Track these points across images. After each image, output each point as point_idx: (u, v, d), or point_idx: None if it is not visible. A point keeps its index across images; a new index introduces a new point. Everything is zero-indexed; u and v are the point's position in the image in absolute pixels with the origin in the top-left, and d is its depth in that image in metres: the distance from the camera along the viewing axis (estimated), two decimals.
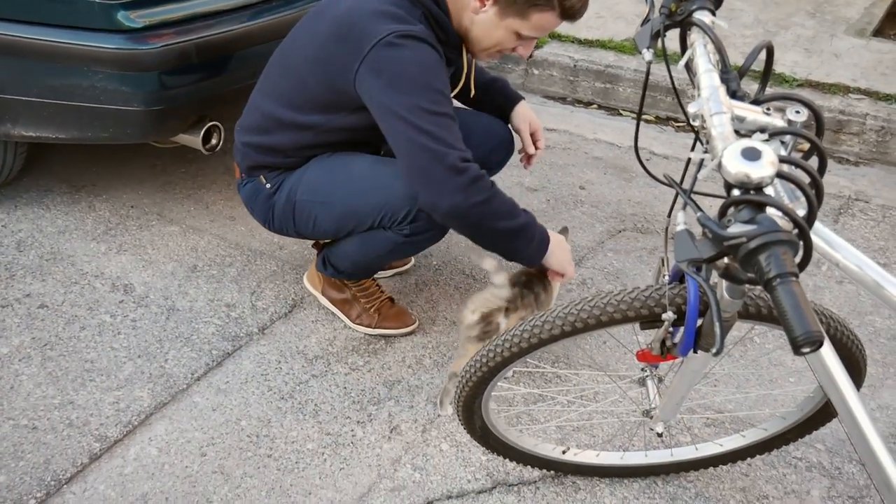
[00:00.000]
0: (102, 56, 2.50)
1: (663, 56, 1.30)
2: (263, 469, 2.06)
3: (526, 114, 2.52)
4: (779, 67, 3.74)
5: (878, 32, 4.20)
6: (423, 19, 2.02)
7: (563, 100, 4.00)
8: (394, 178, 2.12)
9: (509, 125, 2.51)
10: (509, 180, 3.24)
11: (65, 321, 2.51)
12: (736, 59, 3.79)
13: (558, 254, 2.13)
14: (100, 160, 3.34)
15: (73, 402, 2.23)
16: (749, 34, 4.10)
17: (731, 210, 1.00)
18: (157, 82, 2.57)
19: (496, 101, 2.51)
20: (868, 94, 3.52)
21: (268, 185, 2.28)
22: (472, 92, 2.38)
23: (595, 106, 3.94)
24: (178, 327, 2.50)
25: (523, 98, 2.54)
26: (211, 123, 2.76)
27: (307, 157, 2.24)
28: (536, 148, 2.51)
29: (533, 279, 2.15)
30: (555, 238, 2.14)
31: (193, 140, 2.77)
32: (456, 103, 2.56)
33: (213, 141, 2.81)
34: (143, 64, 2.52)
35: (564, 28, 4.18)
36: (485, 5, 2.02)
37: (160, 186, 3.20)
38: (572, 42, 4.09)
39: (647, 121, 3.78)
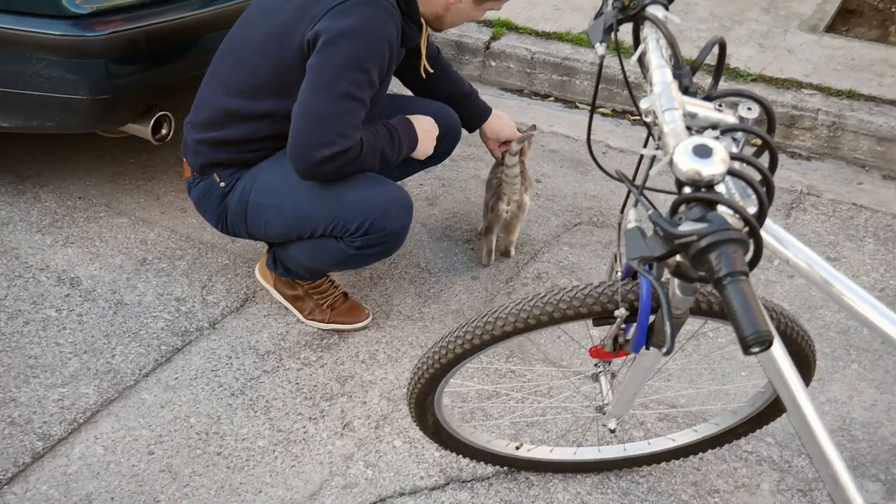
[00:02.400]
0: (47, 42, 2.43)
1: (617, 51, 1.29)
2: (213, 467, 2.02)
3: (494, 129, 2.64)
4: (733, 62, 3.77)
5: (831, 28, 4.25)
6: None
7: (520, 92, 3.99)
8: (350, 187, 2.10)
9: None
10: (465, 173, 3.22)
11: (7, 316, 2.44)
12: (691, 52, 3.81)
13: (424, 143, 2.31)
14: (46, 149, 3.25)
15: (16, 399, 2.17)
16: (704, 28, 4.13)
17: (683, 207, 0.99)
18: (105, 70, 2.51)
19: (465, 117, 2.61)
20: (820, 89, 3.56)
21: (221, 184, 2.22)
22: (425, 66, 2.37)
23: (552, 98, 3.93)
24: (126, 322, 2.45)
25: (491, 110, 2.65)
26: (161, 113, 2.70)
27: (264, 153, 2.20)
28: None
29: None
30: (419, 127, 2.29)
31: (143, 130, 2.70)
32: (407, 92, 2.57)
33: (164, 131, 2.75)
34: (89, 51, 2.45)
35: (522, 20, 4.17)
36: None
37: (109, 177, 3.13)
38: (529, 34, 4.07)
39: (603, 114, 3.78)
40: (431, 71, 2.41)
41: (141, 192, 3.06)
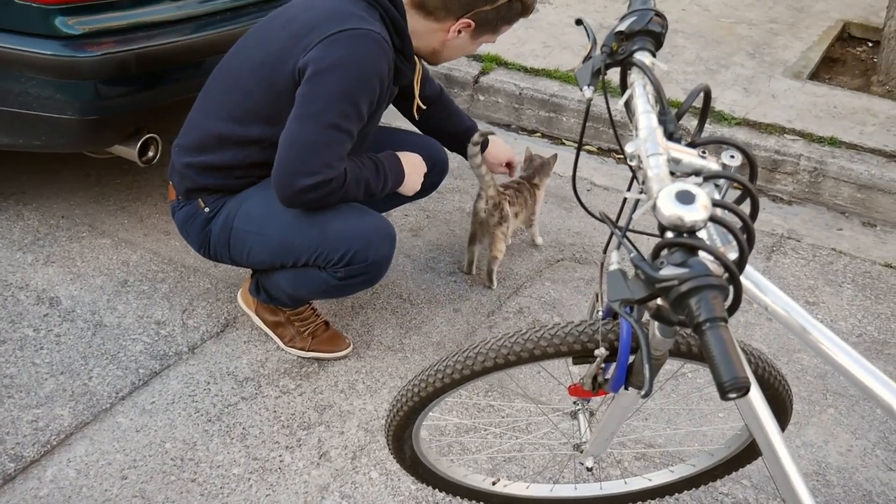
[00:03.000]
0: (37, 62, 2.43)
1: (604, 94, 1.31)
2: (186, 494, 2.00)
3: (494, 154, 2.75)
4: (718, 105, 3.82)
5: (814, 76, 4.32)
6: (381, 22, 2.04)
7: (507, 126, 4.02)
8: (333, 217, 2.11)
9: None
10: (450, 205, 3.24)
11: None
12: (677, 94, 3.86)
13: (411, 178, 2.33)
14: (31, 168, 3.24)
15: None
16: (690, 70, 4.19)
17: (665, 252, 1.00)
18: (94, 91, 2.51)
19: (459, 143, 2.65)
20: (802, 135, 3.62)
21: (206, 209, 2.22)
22: (418, 104, 2.40)
23: (539, 134, 3.96)
24: (105, 344, 2.43)
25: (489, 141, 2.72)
26: (148, 135, 2.70)
27: (250, 180, 2.20)
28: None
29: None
30: (406, 162, 2.31)
31: (129, 152, 2.70)
32: (405, 124, 2.60)
33: (150, 153, 2.75)
34: (79, 72, 2.46)
35: (511, 55, 4.21)
36: (460, 34, 2.14)
37: (93, 197, 3.12)
38: (518, 70, 4.12)
39: (589, 151, 3.82)
40: (424, 108, 2.44)
41: (125, 213, 3.05)
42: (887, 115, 3.82)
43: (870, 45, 4.83)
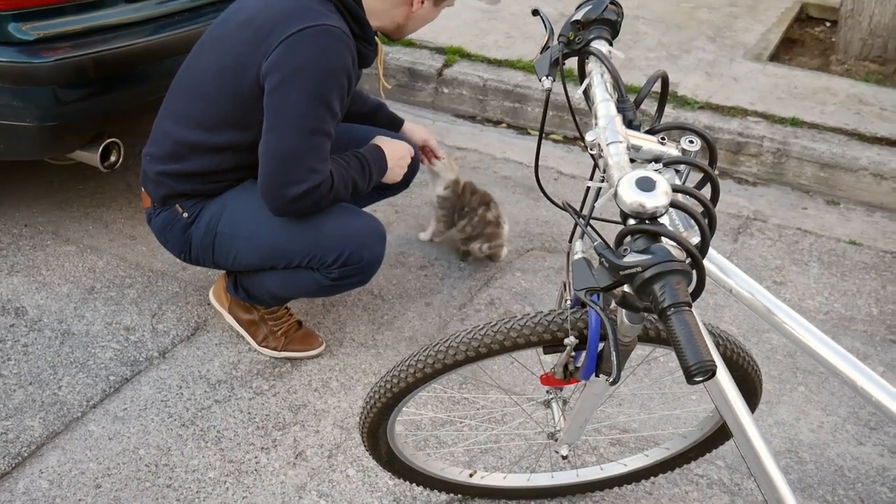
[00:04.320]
0: None
1: (563, 84, 1.31)
2: (162, 500, 1.99)
3: (410, 131, 2.64)
4: (680, 90, 3.85)
5: (774, 57, 4.36)
6: (337, 13, 2.02)
7: (472, 118, 4.02)
8: (325, 218, 2.10)
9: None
10: (418, 198, 3.23)
11: None
12: (640, 80, 3.88)
13: (394, 171, 2.32)
14: None
15: None
16: (652, 56, 4.21)
17: (628, 239, 1.01)
18: (52, 97, 2.48)
19: (381, 125, 2.60)
20: (765, 116, 3.65)
21: (185, 215, 2.19)
22: (383, 84, 2.39)
23: (504, 125, 3.97)
24: (74, 352, 2.40)
25: (403, 120, 2.66)
26: (110, 140, 2.67)
27: (227, 184, 2.18)
28: (437, 157, 2.71)
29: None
30: (391, 154, 2.30)
31: (91, 157, 2.67)
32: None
33: (112, 158, 2.72)
34: (35, 78, 2.42)
35: (474, 47, 4.21)
36: (423, 3, 2.13)
37: (56, 204, 3.08)
38: (482, 61, 4.12)
39: (554, 140, 3.83)
40: (389, 87, 2.44)
41: (89, 219, 3.01)
42: (847, 94, 3.86)
43: (827, 24, 4.89)
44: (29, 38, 2.42)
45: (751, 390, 1.65)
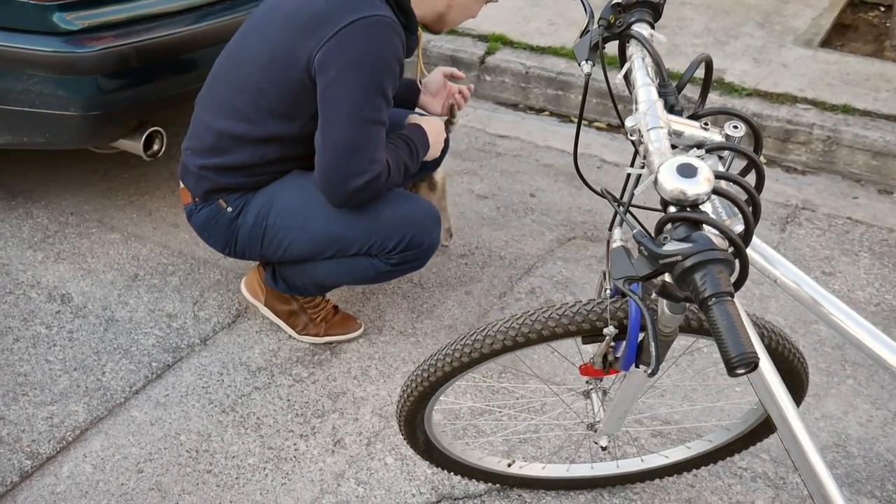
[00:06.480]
0: (37, 59, 2.43)
1: (603, 69, 1.28)
2: (202, 485, 2.01)
3: (434, 83, 2.51)
4: (728, 77, 3.77)
5: (826, 43, 4.25)
6: (384, 2, 2.01)
7: (514, 106, 3.99)
8: (383, 204, 2.11)
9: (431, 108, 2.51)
10: (459, 187, 3.22)
11: None
12: (686, 67, 3.80)
13: (434, 148, 2.30)
14: (38, 165, 3.24)
15: (4, 417, 2.16)
16: (699, 42, 4.13)
17: (668, 227, 0.98)
18: (96, 86, 2.50)
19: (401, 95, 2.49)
20: (815, 104, 3.56)
21: (228, 209, 2.19)
22: (422, 72, 2.37)
23: (547, 113, 3.93)
24: (117, 339, 2.43)
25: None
26: (153, 129, 2.69)
27: (272, 176, 2.18)
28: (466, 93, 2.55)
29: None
30: (430, 131, 2.28)
31: (134, 146, 2.70)
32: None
33: (155, 147, 2.75)
34: (80, 68, 2.45)
35: (517, 34, 4.17)
36: None
37: (101, 193, 3.12)
38: (524, 49, 4.08)
39: (598, 128, 3.78)
40: (427, 76, 2.42)
41: (133, 207, 3.05)
42: None
43: (881, 9, 4.74)
44: (73, 28, 2.44)
45: (796, 383, 1.60)
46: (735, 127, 1.14)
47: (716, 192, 0.98)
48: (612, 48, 1.34)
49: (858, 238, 2.99)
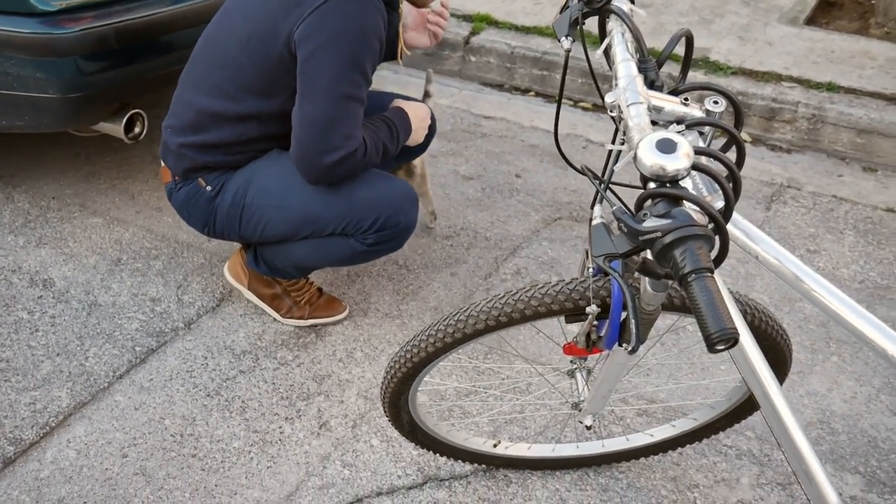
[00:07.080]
0: (14, 41, 2.39)
1: (582, 45, 1.27)
2: (187, 469, 2.00)
3: (408, 15, 2.38)
4: (713, 55, 3.76)
5: (811, 21, 4.24)
6: None
7: (500, 87, 3.97)
8: (359, 184, 2.09)
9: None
10: (444, 168, 3.20)
11: None
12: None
13: (417, 132, 2.31)
14: (19, 149, 3.21)
15: None
16: (684, 21, 4.12)
17: (648, 203, 0.97)
18: (75, 68, 2.47)
19: None
20: (800, 82, 3.56)
21: (208, 188, 2.17)
22: (403, 50, 2.34)
23: (532, 93, 3.91)
24: (100, 323, 2.42)
25: None
26: (133, 111, 2.66)
27: (251, 154, 2.17)
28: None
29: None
30: (413, 116, 2.28)
31: (115, 129, 2.67)
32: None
33: (137, 129, 2.72)
34: (58, 49, 2.42)
35: (501, 14, 4.14)
36: None
37: (83, 176, 3.09)
38: (509, 29, 4.05)
39: (584, 108, 3.77)
40: (409, 54, 2.40)
41: (116, 191, 3.02)
42: (886, 58, 3.75)
43: None
44: (51, 9, 2.41)
45: (780, 360, 1.61)
46: (715, 102, 1.13)
47: (696, 167, 0.97)
48: (592, 25, 1.33)
49: (843, 216, 3.00)
